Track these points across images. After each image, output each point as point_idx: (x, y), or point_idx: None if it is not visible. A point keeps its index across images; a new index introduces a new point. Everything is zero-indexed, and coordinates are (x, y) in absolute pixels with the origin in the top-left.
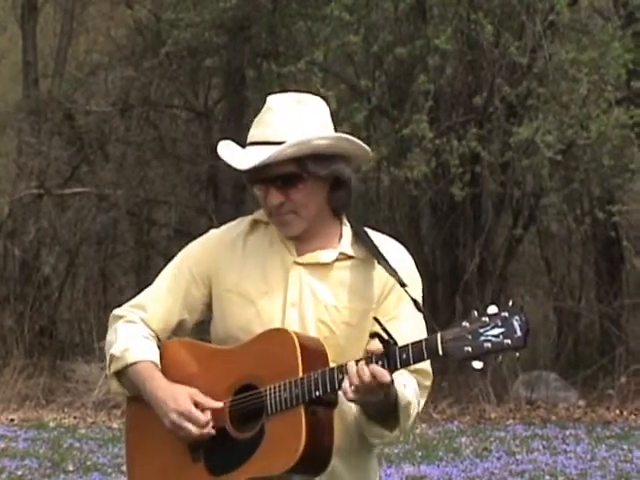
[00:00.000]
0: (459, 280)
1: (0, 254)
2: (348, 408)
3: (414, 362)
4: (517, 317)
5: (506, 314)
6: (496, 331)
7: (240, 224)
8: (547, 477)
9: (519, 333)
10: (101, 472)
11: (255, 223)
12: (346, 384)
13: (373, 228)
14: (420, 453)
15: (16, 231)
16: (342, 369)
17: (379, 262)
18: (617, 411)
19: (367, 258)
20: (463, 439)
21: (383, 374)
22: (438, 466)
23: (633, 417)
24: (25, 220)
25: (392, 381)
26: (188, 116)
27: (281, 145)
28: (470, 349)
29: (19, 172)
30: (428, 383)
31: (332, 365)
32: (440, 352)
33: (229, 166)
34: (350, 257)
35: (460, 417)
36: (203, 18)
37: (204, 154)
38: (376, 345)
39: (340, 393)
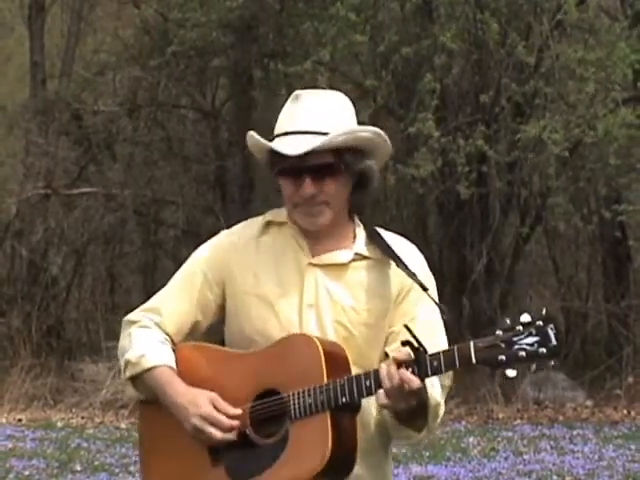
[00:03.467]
0: (466, 280)
1: (7, 254)
2: (367, 407)
3: (446, 370)
4: (552, 326)
5: (541, 323)
6: (530, 340)
7: (252, 225)
8: (554, 477)
9: (554, 342)
10: (109, 472)
11: (268, 224)
12: (380, 390)
13: (380, 227)
14: (428, 453)
15: (23, 231)
16: (369, 375)
17: (398, 266)
18: (625, 411)
19: (382, 258)
20: (471, 439)
21: (411, 380)
22: (446, 466)
23: None
24: (32, 220)
25: (424, 387)
26: (195, 116)
27: (328, 135)
28: (504, 357)
29: (26, 172)
30: (449, 383)
31: (352, 368)
32: (473, 360)
33: (275, 154)
34: (365, 257)
35: (468, 417)
36: (210, 18)
37: (211, 154)
38: (404, 352)
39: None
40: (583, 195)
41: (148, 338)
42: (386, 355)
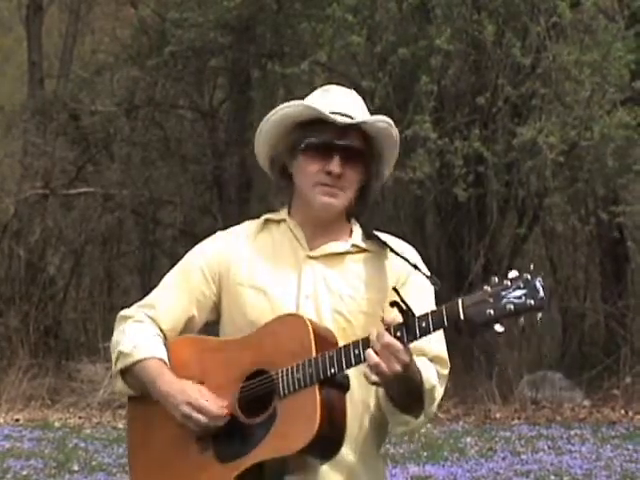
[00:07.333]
0: (464, 280)
1: (5, 254)
2: (364, 402)
3: (434, 329)
4: (540, 279)
5: (528, 276)
6: (518, 292)
7: (250, 224)
8: (552, 477)
9: (542, 293)
10: (106, 472)
11: (266, 222)
12: (367, 368)
13: (378, 228)
14: (425, 453)
15: (21, 231)
16: (357, 344)
17: (392, 251)
18: (622, 411)
19: (379, 251)
20: (468, 439)
21: (395, 342)
22: (443, 466)
23: (638, 417)
24: (30, 220)
25: (410, 355)
26: (193, 116)
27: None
28: (492, 311)
29: (24, 172)
30: (446, 372)
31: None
32: (462, 317)
33: (307, 128)
34: (362, 250)
35: (465, 417)
36: (207, 18)
37: (209, 154)
38: (392, 315)
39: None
40: (581, 196)
41: (141, 331)
42: None
